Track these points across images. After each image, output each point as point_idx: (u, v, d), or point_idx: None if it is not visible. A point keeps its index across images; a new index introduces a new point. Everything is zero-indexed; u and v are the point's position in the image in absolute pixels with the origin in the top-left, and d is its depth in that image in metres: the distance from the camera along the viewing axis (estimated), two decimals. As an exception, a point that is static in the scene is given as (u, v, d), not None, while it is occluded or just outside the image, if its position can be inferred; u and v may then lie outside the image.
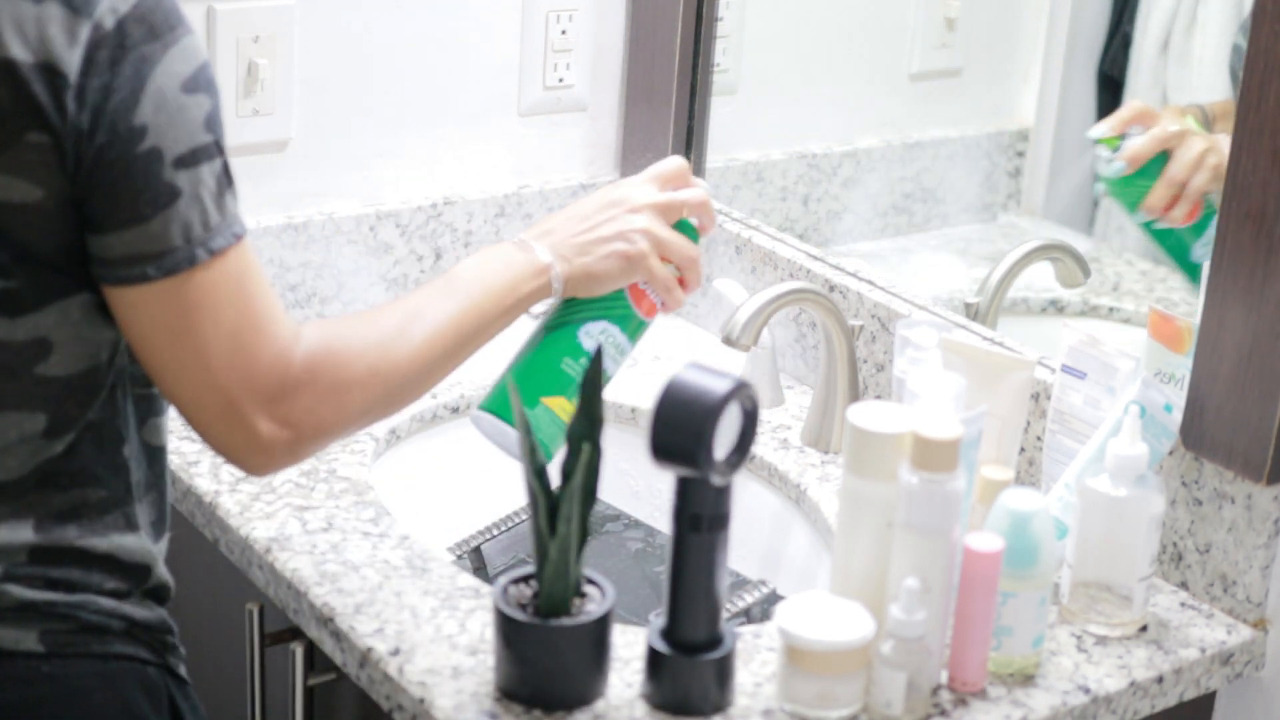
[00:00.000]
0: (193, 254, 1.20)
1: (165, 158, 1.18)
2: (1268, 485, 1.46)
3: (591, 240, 1.44)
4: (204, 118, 1.20)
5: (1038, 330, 1.92)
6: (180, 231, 1.19)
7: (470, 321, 1.38)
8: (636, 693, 1.35)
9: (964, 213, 2.16)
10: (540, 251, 1.42)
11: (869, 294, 1.80)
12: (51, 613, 1.26)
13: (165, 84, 1.17)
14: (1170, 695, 1.45)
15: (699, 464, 1.26)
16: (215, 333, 1.21)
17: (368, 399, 1.30)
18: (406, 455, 1.76)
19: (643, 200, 1.46)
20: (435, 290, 1.39)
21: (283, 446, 1.26)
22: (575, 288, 1.44)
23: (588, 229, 1.44)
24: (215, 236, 1.21)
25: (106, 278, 1.21)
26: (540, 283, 1.42)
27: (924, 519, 1.31)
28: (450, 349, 1.37)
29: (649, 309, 1.48)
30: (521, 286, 1.41)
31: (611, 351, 1.46)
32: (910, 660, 1.31)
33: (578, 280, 1.44)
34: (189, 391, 1.24)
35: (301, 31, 1.85)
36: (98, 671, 1.28)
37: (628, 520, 1.77)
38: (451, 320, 1.36)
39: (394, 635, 1.41)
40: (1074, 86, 2.10)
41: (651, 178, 1.49)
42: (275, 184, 1.89)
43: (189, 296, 1.20)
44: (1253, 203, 1.42)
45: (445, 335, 1.36)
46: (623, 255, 1.44)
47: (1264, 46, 1.39)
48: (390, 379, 1.31)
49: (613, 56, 2.06)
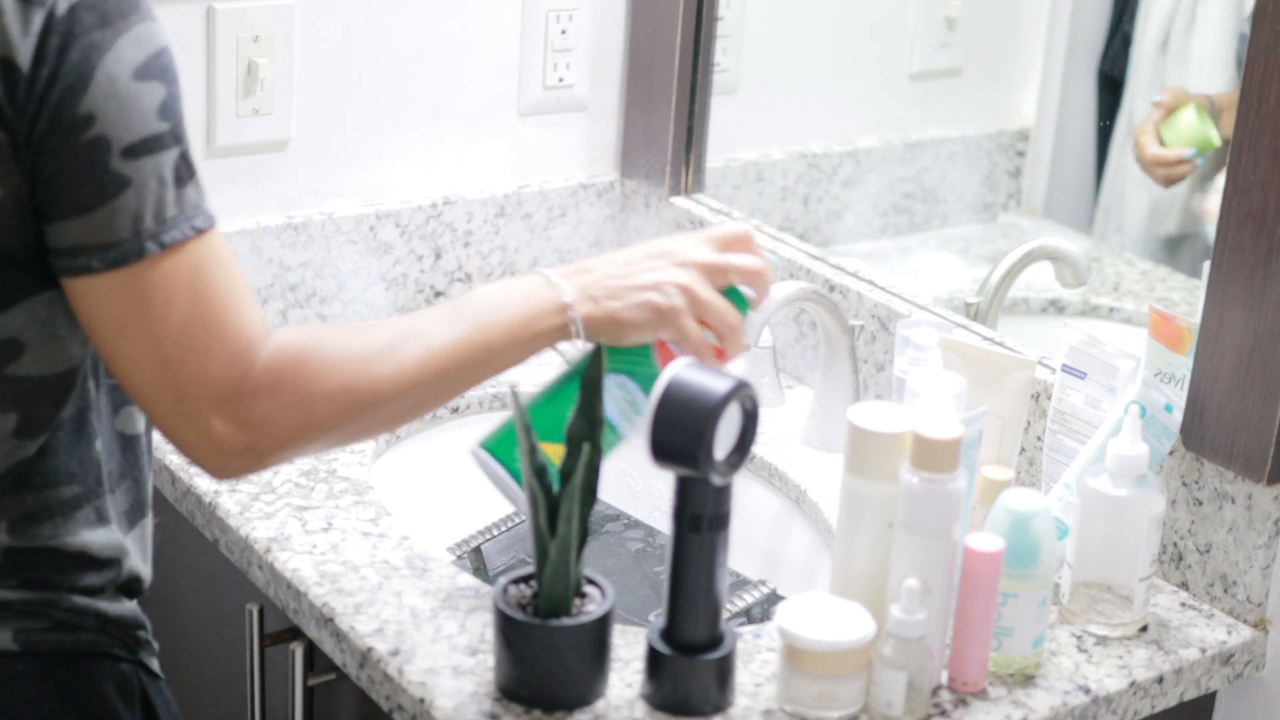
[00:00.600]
0: (141, 247, 1.17)
1: (113, 147, 1.15)
2: (1268, 485, 1.46)
3: (625, 286, 1.36)
4: (157, 106, 1.17)
5: (1038, 330, 1.93)
6: (129, 223, 1.16)
7: (472, 350, 1.31)
8: (636, 693, 1.35)
9: (964, 213, 2.16)
10: (565, 290, 1.35)
11: (869, 294, 1.80)
12: (26, 611, 1.25)
13: (115, 71, 1.15)
14: (1170, 695, 1.45)
15: (699, 464, 1.26)
16: (165, 327, 1.18)
17: (336, 415, 1.25)
18: (406, 455, 1.76)
19: (691, 256, 1.37)
20: (441, 313, 1.33)
21: (239, 449, 1.22)
22: (599, 332, 1.35)
23: (625, 274, 1.36)
24: (169, 229, 1.18)
25: (57, 268, 1.19)
26: (558, 322, 1.34)
27: (924, 519, 1.31)
28: (445, 375, 1.30)
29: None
30: (538, 323, 1.33)
31: (623, 407, 1.38)
32: (910, 660, 1.31)
33: (601, 325, 1.35)
34: (140, 384, 1.21)
35: (301, 31, 1.85)
36: (71, 669, 1.28)
37: (628, 520, 1.77)
38: (450, 346, 1.30)
39: (394, 635, 1.41)
40: (1074, 86, 2.10)
41: (709, 238, 1.40)
42: (275, 184, 1.89)
43: (137, 290, 1.17)
44: (1253, 203, 1.42)
45: (439, 361, 1.29)
46: (653, 307, 1.35)
47: (1264, 46, 1.39)
48: (364, 397, 1.26)
49: (613, 56, 2.06)
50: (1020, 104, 2.15)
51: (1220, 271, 1.45)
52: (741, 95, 2.09)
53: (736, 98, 2.08)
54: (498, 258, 2.03)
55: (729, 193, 2.06)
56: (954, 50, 2.14)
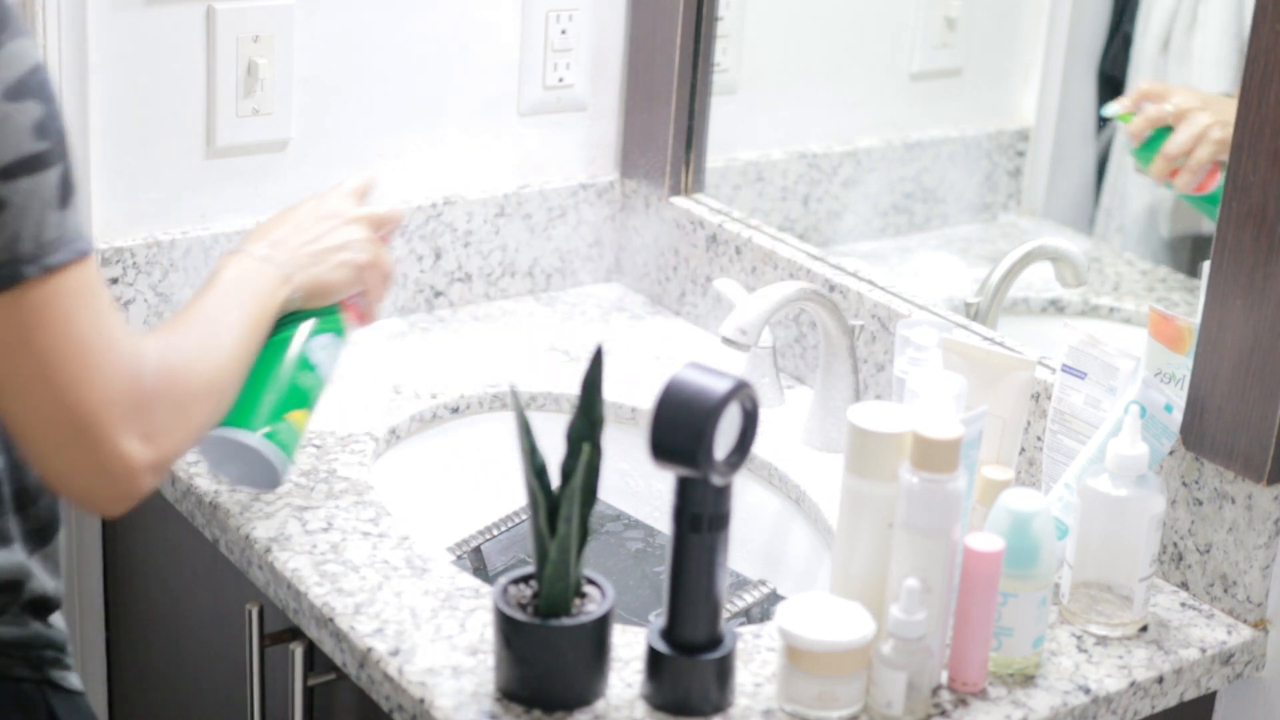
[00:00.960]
0: (19, 272, 1.13)
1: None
2: (1268, 485, 1.46)
3: (320, 250, 1.47)
4: (32, 125, 1.13)
5: (1038, 330, 1.92)
6: (6, 246, 1.13)
7: (255, 331, 1.39)
8: (636, 693, 1.35)
9: (964, 213, 2.16)
10: (281, 263, 1.44)
11: (869, 294, 1.80)
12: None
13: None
14: (1170, 695, 1.45)
15: (699, 464, 1.26)
16: (60, 350, 1.15)
17: (207, 410, 1.30)
18: (406, 455, 1.76)
19: (354, 213, 1.51)
20: (217, 299, 1.38)
21: (148, 465, 1.20)
22: (307, 300, 1.46)
23: (313, 239, 1.47)
24: (51, 252, 1.14)
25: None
26: (285, 294, 1.44)
27: (924, 519, 1.31)
28: (249, 357, 1.38)
29: (356, 318, 1.53)
30: (277, 295, 1.43)
31: (331, 363, 1.50)
32: (910, 660, 1.31)
33: (314, 290, 1.46)
34: (29, 415, 1.17)
35: (301, 31, 1.85)
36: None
37: (628, 520, 1.77)
38: (244, 329, 1.37)
39: (394, 635, 1.41)
40: (1074, 86, 2.10)
41: (348, 193, 1.53)
42: (275, 184, 1.89)
43: (21, 313, 1.14)
44: (1253, 203, 1.42)
45: (242, 344, 1.36)
46: (353, 265, 1.48)
47: (1264, 46, 1.39)
48: (216, 387, 1.31)
49: (613, 56, 2.06)
50: (1020, 104, 2.15)
51: (1220, 271, 1.45)
52: (741, 95, 2.09)
53: (736, 98, 2.08)
54: (498, 258, 2.03)
55: (729, 193, 2.06)
56: (954, 50, 2.14)
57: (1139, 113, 1.87)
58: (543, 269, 2.07)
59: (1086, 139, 2.11)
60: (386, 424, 1.74)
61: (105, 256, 1.79)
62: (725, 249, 1.96)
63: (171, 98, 1.80)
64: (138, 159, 1.80)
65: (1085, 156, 2.11)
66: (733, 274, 1.95)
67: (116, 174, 1.79)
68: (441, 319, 1.99)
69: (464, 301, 2.03)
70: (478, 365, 1.88)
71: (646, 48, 2.03)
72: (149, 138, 1.80)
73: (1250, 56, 1.40)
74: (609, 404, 1.79)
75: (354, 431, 1.72)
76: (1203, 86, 1.96)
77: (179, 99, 1.81)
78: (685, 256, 2.02)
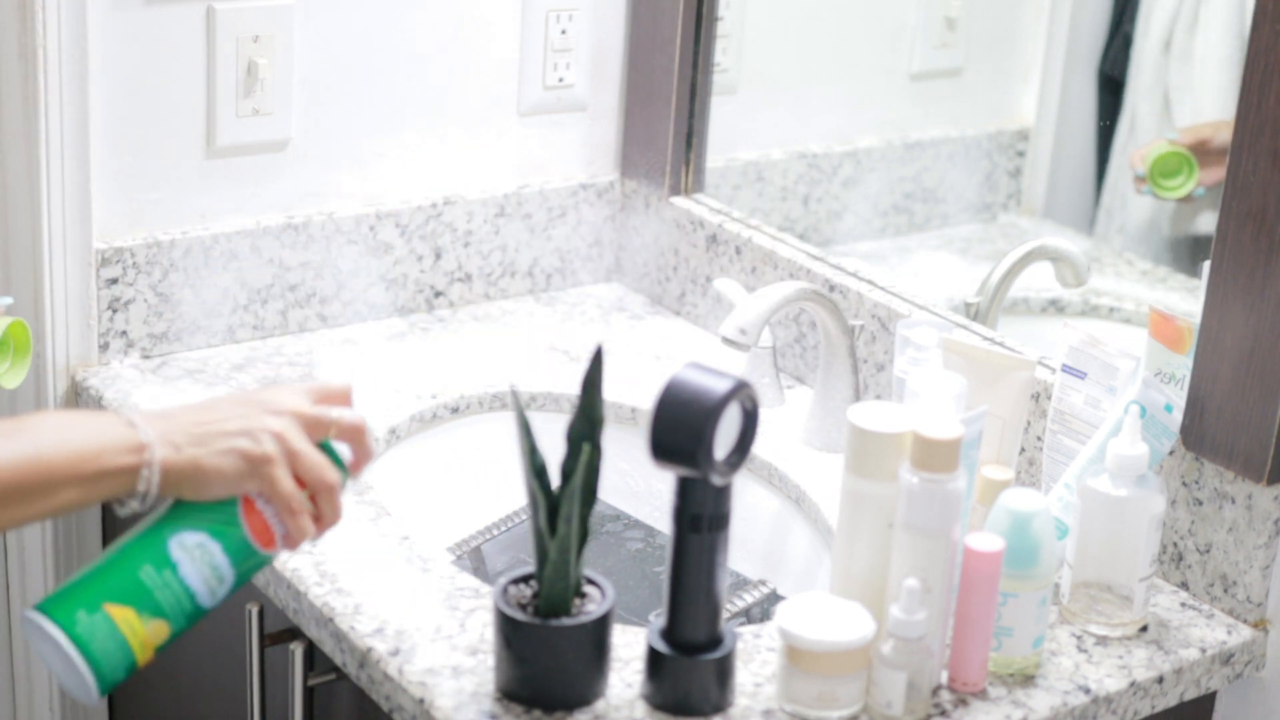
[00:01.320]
0: None
1: None
2: (1268, 485, 1.46)
3: (212, 432, 1.21)
4: None
5: (1038, 330, 1.92)
6: None
7: (26, 473, 1.16)
8: (636, 693, 1.35)
9: (964, 213, 2.16)
10: (144, 431, 1.20)
11: (869, 294, 1.80)
12: None
13: None
14: (1170, 695, 1.45)
15: (699, 464, 1.26)
16: None
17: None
18: (406, 455, 1.76)
19: (287, 405, 1.24)
20: (34, 422, 1.20)
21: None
22: (180, 483, 1.20)
23: (212, 420, 1.22)
24: None
25: None
26: (129, 462, 1.18)
27: (924, 519, 1.31)
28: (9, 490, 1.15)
29: (264, 535, 1.23)
30: (105, 458, 1.18)
31: (205, 573, 1.21)
32: (910, 660, 1.31)
33: (182, 472, 1.20)
34: None
35: (301, 31, 1.85)
36: None
37: (628, 520, 1.77)
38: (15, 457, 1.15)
39: (394, 635, 1.41)
40: (1074, 86, 2.10)
41: (307, 389, 1.27)
42: (275, 184, 1.89)
43: None
44: (1253, 203, 1.42)
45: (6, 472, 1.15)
46: (242, 454, 1.20)
47: (1264, 46, 1.39)
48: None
49: (613, 56, 2.06)
50: (1020, 104, 2.15)
51: (1220, 271, 1.45)
52: (741, 95, 2.09)
53: (736, 98, 2.08)
54: (498, 258, 2.03)
55: (729, 193, 2.06)
56: (954, 50, 2.14)
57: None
58: (543, 269, 2.07)
59: (1086, 139, 2.11)
60: (386, 424, 1.74)
61: (105, 256, 1.79)
62: (725, 249, 1.96)
63: (171, 98, 1.80)
64: (138, 159, 1.80)
65: (1085, 156, 2.11)
66: (733, 274, 1.95)
67: (116, 174, 1.79)
68: (441, 319, 2.00)
69: (464, 301, 2.03)
70: (478, 365, 1.88)
71: (646, 48, 2.03)
72: (149, 138, 1.80)
73: (1250, 56, 1.40)
74: (609, 404, 1.79)
75: (354, 431, 1.72)
76: (1203, 86, 1.96)
77: (179, 99, 1.81)
78: (685, 256, 2.02)
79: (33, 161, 1.74)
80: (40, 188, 1.74)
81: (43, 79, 1.71)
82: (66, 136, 1.73)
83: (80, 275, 1.78)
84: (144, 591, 1.19)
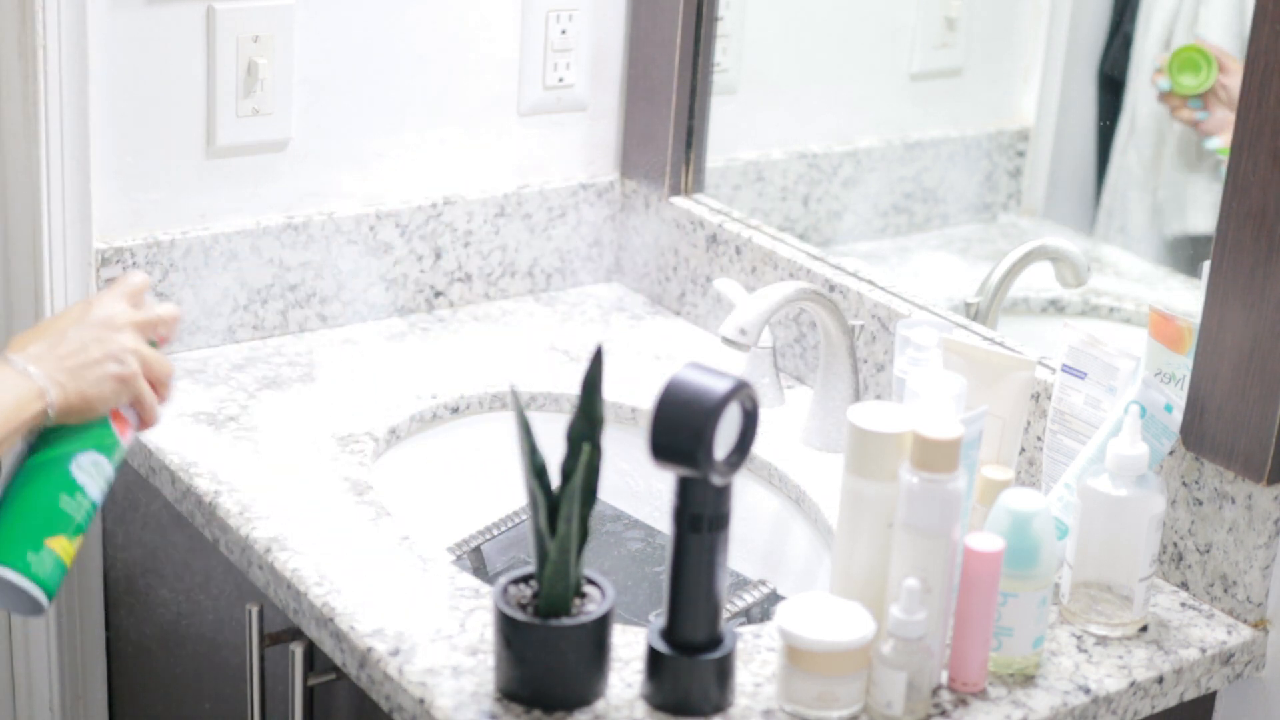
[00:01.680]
0: None
1: None
2: (1268, 485, 1.46)
3: (83, 363, 1.36)
4: None
5: (1038, 330, 1.92)
6: None
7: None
8: (636, 693, 1.35)
9: (964, 213, 2.16)
10: (37, 376, 1.34)
11: (869, 294, 1.80)
12: None
13: None
14: (1170, 695, 1.45)
15: (699, 464, 1.26)
16: None
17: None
18: (406, 455, 1.76)
19: (125, 319, 1.40)
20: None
21: None
22: (69, 415, 1.36)
23: (76, 351, 1.37)
24: None
25: None
26: (38, 408, 1.34)
27: (924, 519, 1.31)
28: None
29: (124, 429, 1.41)
30: (24, 410, 1.33)
31: (101, 483, 1.38)
32: (910, 660, 1.31)
33: (73, 407, 1.36)
34: None
35: (301, 31, 1.85)
36: None
37: (628, 520, 1.77)
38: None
39: (394, 635, 1.41)
40: (1074, 86, 2.10)
41: (124, 294, 1.42)
42: (275, 184, 1.89)
43: None
44: (1253, 203, 1.42)
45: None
46: (117, 378, 1.37)
47: (1264, 46, 1.39)
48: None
49: (613, 56, 2.06)
50: (1020, 104, 2.15)
51: (1220, 271, 1.45)
52: (741, 95, 2.09)
53: (736, 98, 2.08)
54: (498, 258, 2.03)
55: (729, 193, 2.06)
56: (954, 50, 2.14)
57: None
58: (543, 269, 2.07)
59: (1086, 139, 2.11)
60: (386, 424, 1.74)
61: (105, 256, 1.79)
62: (725, 249, 1.96)
63: (171, 98, 1.80)
64: (138, 159, 1.80)
65: (1085, 156, 2.11)
66: (733, 274, 1.95)
67: (116, 174, 1.79)
68: (441, 319, 2.00)
69: (464, 301, 2.03)
70: (478, 365, 1.88)
71: (646, 48, 2.03)
72: (149, 138, 1.80)
73: (1250, 57, 1.40)
74: (609, 404, 1.79)
75: (354, 431, 1.72)
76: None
77: (179, 99, 1.81)
78: (685, 256, 2.02)
79: (33, 161, 1.74)
80: (40, 188, 1.74)
81: (43, 79, 1.71)
82: (66, 136, 1.73)
83: (80, 275, 1.78)
84: (67, 518, 1.35)
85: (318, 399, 1.78)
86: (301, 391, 1.80)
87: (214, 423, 1.72)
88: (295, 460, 1.65)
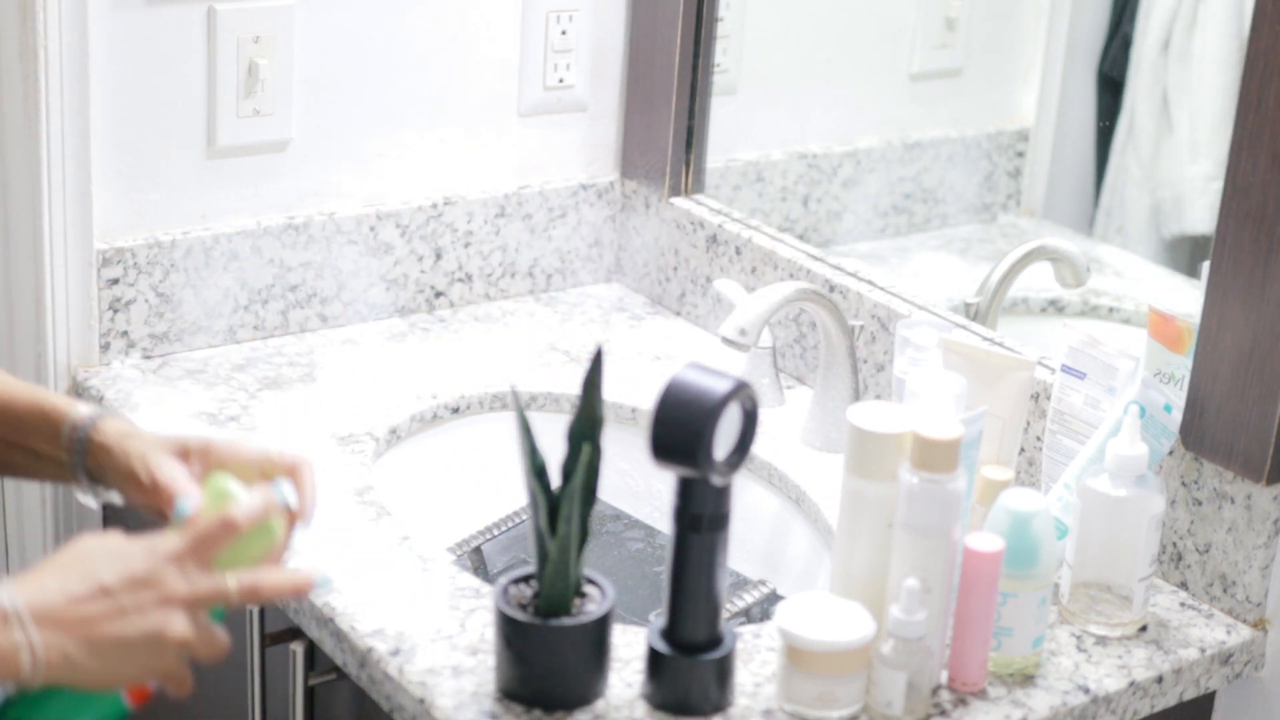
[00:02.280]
0: None
1: None
2: (1267, 485, 1.46)
3: (112, 640, 1.10)
4: None
5: (1038, 330, 1.93)
6: None
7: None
8: (636, 693, 1.35)
9: (964, 213, 2.16)
10: (22, 637, 1.07)
11: (869, 294, 1.80)
12: None
13: None
14: (1170, 695, 1.45)
15: (699, 464, 1.26)
16: None
17: None
18: (406, 455, 1.76)
19: (178, 591, 1.13)
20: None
21: None
22: (63, 681, 1.10)
23: (108, 616, 1.10)
24: None
25: None
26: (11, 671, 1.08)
27: (924, 519, 1.31)
28: None
29: (140, 697, 1.18)
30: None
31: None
32: (910, 660, 1.31)
33: (74, 679, 1.10)
34: None
35: (301, 31, 1.85)
36: None
37: (628, 520, 1.77)
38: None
39: (394, 635, 1.41)
40: (1074, 86, 2.10)
41: (193, 541, 1.15)
42: (275, 184, 1.89)
43: None
44: (1253, 203, 1.42)
45: None
46: (148, 669, 1.13)
47: (1264, 47, 1.39)
48: None
49: (613, 56, 2.06)
50: (1020, 104, 2.15)
51: (1220, 271, 1.45)
52: (741, 95, 2.09)
53: (736, 98, 2.08)
54: (498, 258, 2.03)
55: (729, 193, 2.06)
56: (954, 50, 2.14)
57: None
58: (543, 269, 2.07)
59: (1086, 139, 2.11)
60: (386, 424, 1.74)
61: (105, 256, 1.79)
62: (725, 249, 1.96)
63: (172, 98, 1.80)
64: (138, 159, 1.80)
65: (1085, 156, 2.11)
66: (733, 274, 1.95)
67: (117, 174, 1.79)
68: (442, 319, 2.00)
69: (464, 302, 2.03)
70: (478, 365, 1.88)
71: (646, 48, 2.03)
72: (149, 138, 1.80)
73: (1250, 57, 1.40)
74: (609, 404, 1.79)
75: (354, 431, 1.72)
76: (1202, 87, 1.96)
77: (179, 99, 1.81)
78: (685, 257, 2.02)
79: (33, 161, 1.74)
80: (41, 188, 1.74)
81: (43, 79, 1.71)
82: (67, 136, 1.73)
83: (81, 275, 1.78)
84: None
85: (318, 399, 1.79)
86: (302, 392, 1.80)
87: (215, 423, 1.72)
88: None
